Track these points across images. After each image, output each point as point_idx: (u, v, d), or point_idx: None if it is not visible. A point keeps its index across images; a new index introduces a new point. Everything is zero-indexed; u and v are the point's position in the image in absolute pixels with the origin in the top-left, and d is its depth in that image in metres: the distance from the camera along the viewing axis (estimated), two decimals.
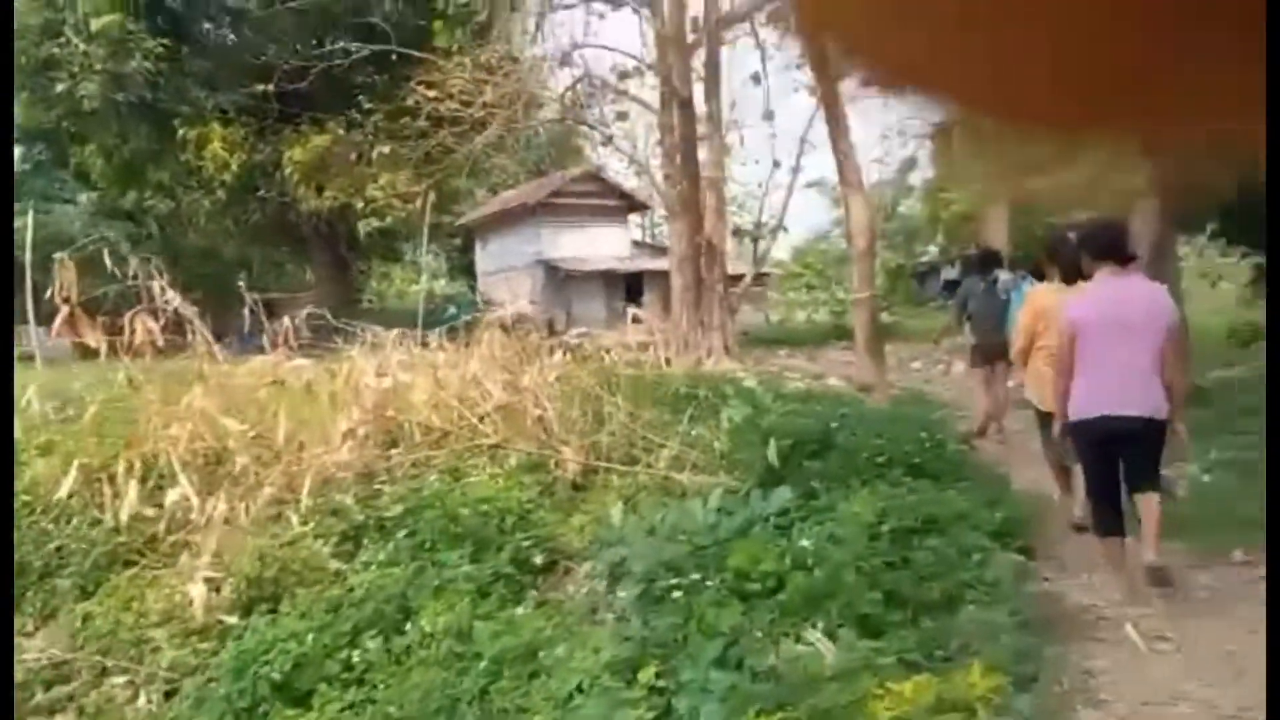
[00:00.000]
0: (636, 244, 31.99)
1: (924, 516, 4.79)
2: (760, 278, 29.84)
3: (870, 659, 3.40)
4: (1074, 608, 4.24)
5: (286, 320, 6.95)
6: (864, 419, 7.44)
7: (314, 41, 25.11)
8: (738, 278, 17.73)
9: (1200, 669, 3.62)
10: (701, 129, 16.82)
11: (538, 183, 31.20)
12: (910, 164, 31.31)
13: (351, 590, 4.19)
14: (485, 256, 33.74)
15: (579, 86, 19.73)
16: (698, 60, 16.98)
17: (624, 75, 18.92)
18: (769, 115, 18.11)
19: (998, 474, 6.65)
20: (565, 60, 20.94)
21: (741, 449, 5.54)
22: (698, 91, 16.80)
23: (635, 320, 11.11)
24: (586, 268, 28.61)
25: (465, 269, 36.64)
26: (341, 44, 21.93)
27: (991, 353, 7.87)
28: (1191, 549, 4.89)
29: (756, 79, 18.78)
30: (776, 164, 18.65)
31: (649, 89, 19.22)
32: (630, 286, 29.13)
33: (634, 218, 33.54)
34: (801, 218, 71.79)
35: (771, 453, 5.02)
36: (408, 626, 3.94)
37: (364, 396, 5.63)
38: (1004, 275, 8.22)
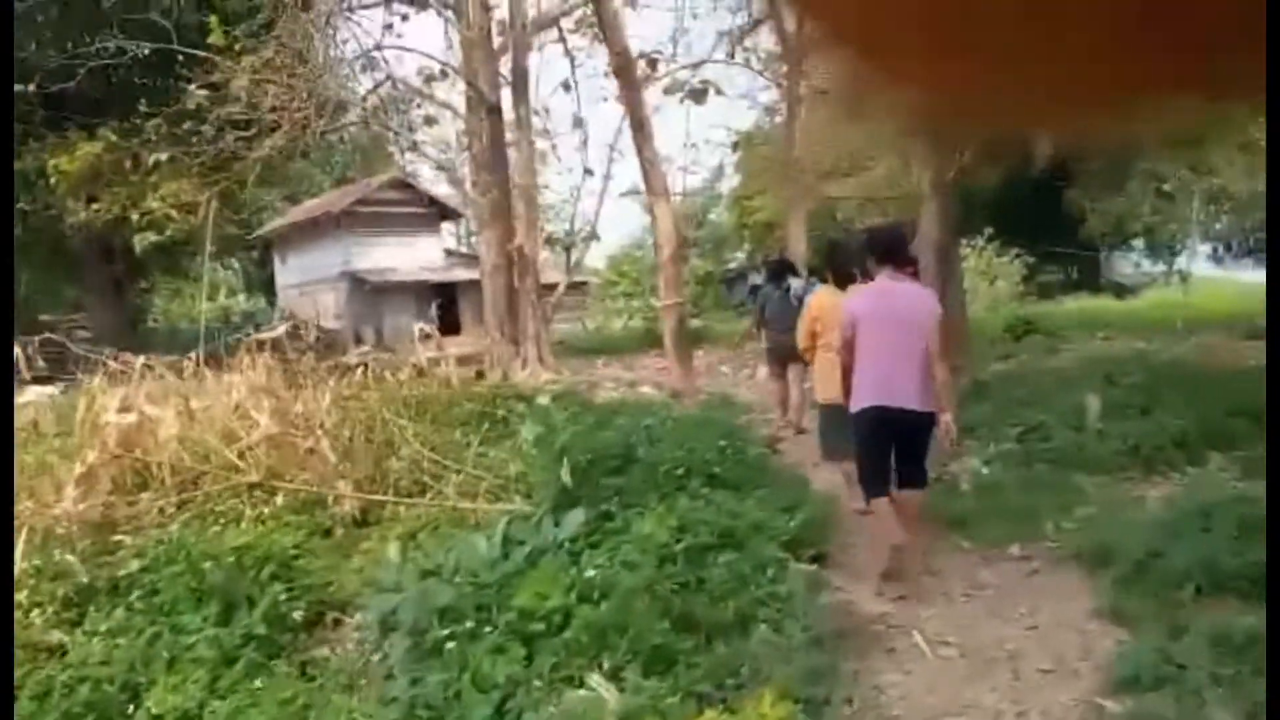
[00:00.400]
0: (450, 253, 31.07)
1: (720, 530, 4.64)
2: (577, 286, 29.71)
3: (657, 699, 3.15)
4: (865, 617, 4.18)
5: (18, 349, 6.03)
6: (669, 428, 7.31)
7: (84, 38, 22.84)
8: (552, 286, 17.42)
9: (986, 674, 3.61)
10: (511, 135, 16.44)
11: (342, 191, 29.78)
12: (719, 172, 32.08)
13: (68, 668, 3.53)
14: (286, 270, 31.85)
15: (380, 90, 18.88)
16: (506, 65, 16.59)
17: (429, 79, 18.21)
18: (579, 122, 17.89)
19: (796, 476, 6.65)
20: (368, 63, 20.09)
21: (537, 470, 5.22)
22: (506, 97, 16.41)
23: (425, 336, 10.50)
24: (396, 279, 27.50)
25: (266, 284, 34.49)
26: (115, 42, 20.01)
27: (785, 355, 8.24)
28: (974, 545, 4.98)
29: (567, 86, 18.54)
30: (588, 172, 18.48)
31: (458, 94, 18.60)
32: (444, 297, 28.26)
33: (447, 226, 32.59)
34: (618, 225, 72.44)
35: (565, 473, 4.72)
36: (131, 710, 3.34)
37: (104, 434, 4.90)
38: (796, 282, 8.59)
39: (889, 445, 4.40)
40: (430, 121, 20.90)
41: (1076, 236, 29.32)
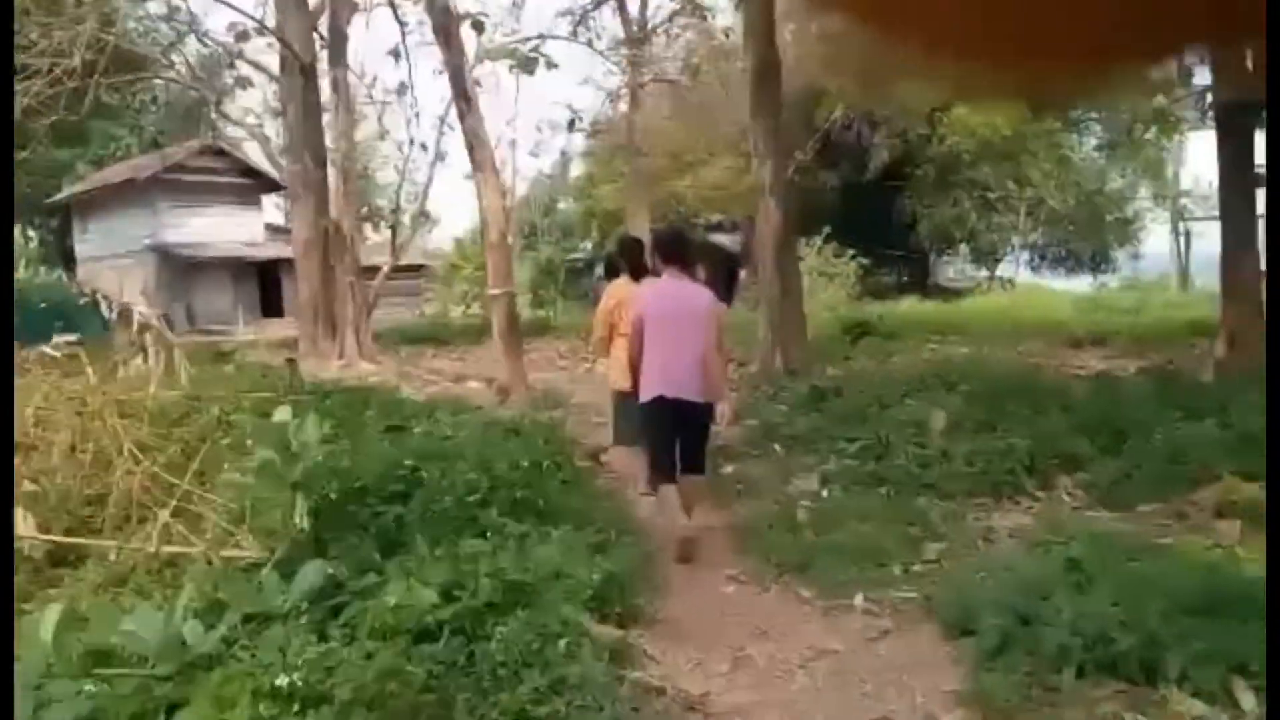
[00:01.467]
0: (275, 229, 28.57)
1: (506, 585, 3.62)
2: (415, 269, 27.95)
3: None
4: (682, 702, 3.26)
5: None
6: (475, 438, 6.24)
7: None
8: (376, 269, 15.87)
9: None
10: (329, 101, 14.80)
11: (153, 156, 26.80)
12: (566, 159, 30.94)
13: None
14: (87, 240, 28.51)
15: (187, 47, 16.76)
16: (325, 25, 14.92)
17: (242, 36, 16.22)
18: (403, 90, 16.30)
19: (616, 500, 5.73)
20: (170, 12, 17.83)
21: (267, 509, 4.02)
22: (325, 60, 14.77)
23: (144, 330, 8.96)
24: (210, 254, 24.97)
25: (67, 254, 30.79)
26: None
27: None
28: (815, 594, 4.17)
29: (396, 54, 16.96)
30: (422, 146, 16.95)
31: (274, 54, 16.69)
32: (265, 276, 25.91)
33: (272, 199, 30.00)
34: (468, 207, 69.92)
35: (300, 513, 3.57)
36: None
37: None
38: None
39: (673, 434, 4.64)
40: (243, 84, 18.78)
41: (907, 241, 30.10)
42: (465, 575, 3.64)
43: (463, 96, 10.56)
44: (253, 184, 27.01)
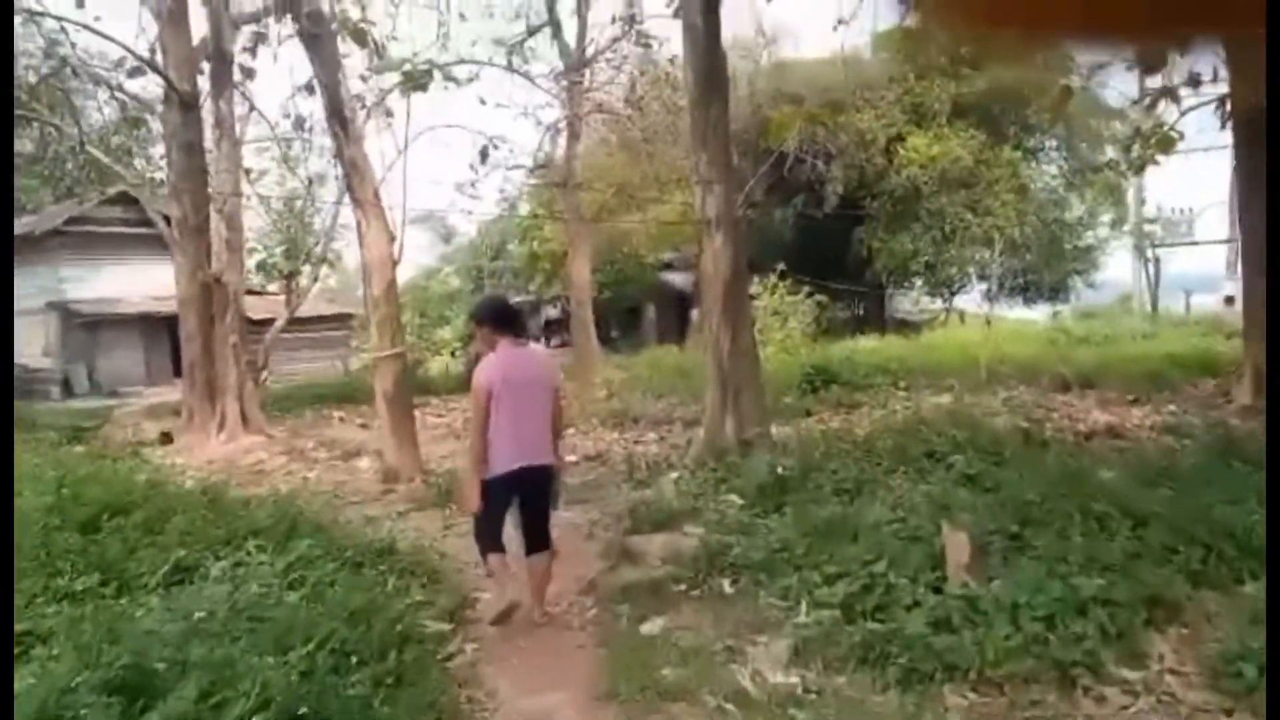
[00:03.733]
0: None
1: None
2: (344, 319, 25.59)
3: None
4: None
5: None
6: (270, 605, 4.08)
7: None
8: (265, 323, 13.58)
9: None
10: (212, 137, 12.58)
11: (56, 209, 24.25)
12: (509, 199, 28.76)
13: None
14: None
15: (50, 77, 14.47)
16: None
17: (118, 65, 13.97)
18: (300, 124, 13.98)
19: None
20: (50, 47, 15.53)
21: None
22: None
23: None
24: (118, 311, 22.41)
25: None
26: None
27: None
28: None
29: (311, 87, 14.77)
30: (309, 182, 14.68)
31: (158, 86, 14.44)
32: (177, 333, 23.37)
33: None
34: (411, 257, 67.44)
35: None
36: None
37: None
38: None
39: (508, 503, 4.40)
40: (136, 123, 16.54)
41: (864, 274, 28.44)
42: None
43: (338, 119, 8.43)
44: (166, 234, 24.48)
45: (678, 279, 28.66)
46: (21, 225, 23.75)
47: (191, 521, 5.74)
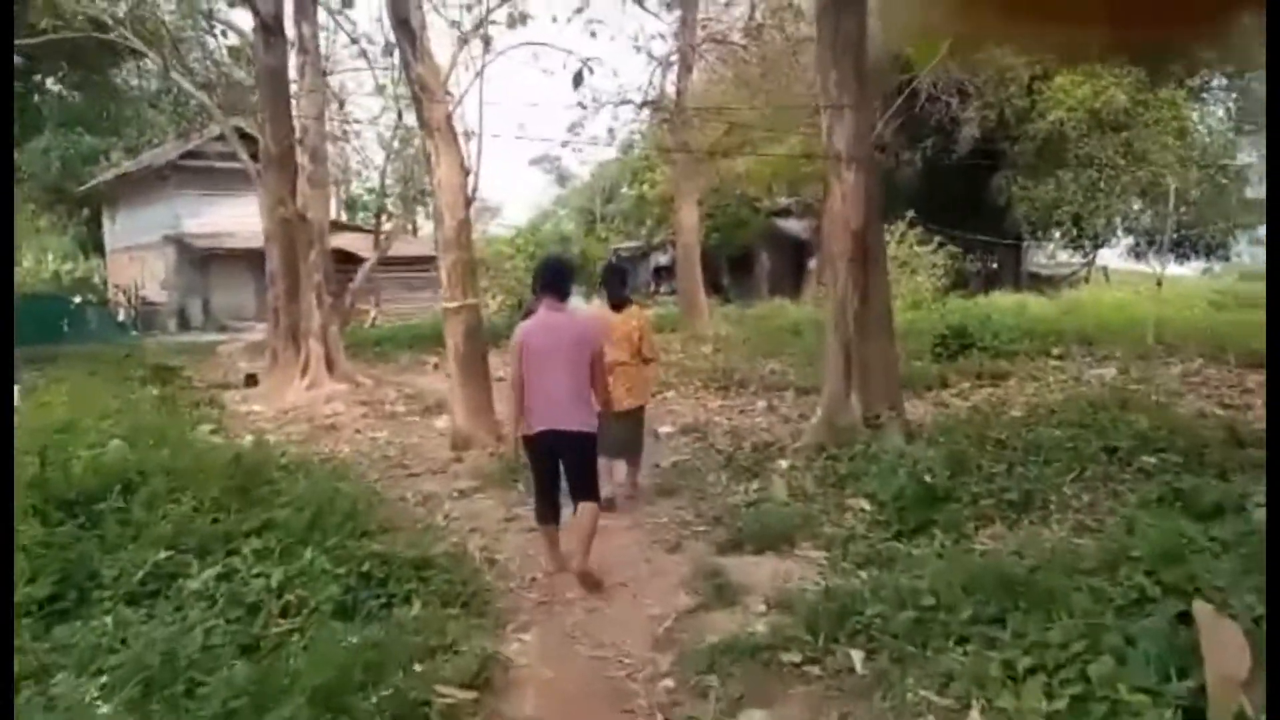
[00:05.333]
0: (337, 223, 25.70)
1: None
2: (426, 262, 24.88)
3: None
4: None
5: None
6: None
7: None
8: (355, 259, 12.72)
9: None
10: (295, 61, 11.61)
11: (174, 144, 24.23)
12: (624, 140, 27.12)
13: None
14: (115, 231, 26.28)
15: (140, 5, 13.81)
16: None
17: None
18: (389, 49, 12.75)
19: None
20: None
21: None
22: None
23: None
24: (230, 245, 22.25)
25: (100, 246, 28.68)
26: None
27: None
28: None
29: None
30: (399, 114, 13.51)
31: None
32: None
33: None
34: (529, 198, 66.59)
35: None
36: None
37: None
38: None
39: (555, 469, 4.36)
40: (236, 53, 15.85)
41: (1000, 225, 25.87)
42: None
43: (403, 29, 7.18)
44: None
45: (793, 225, 26.72)
46: (142, 160, 23.88)
47: (202, 503, 4.72)
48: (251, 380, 11.78)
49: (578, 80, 8.41)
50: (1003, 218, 25.54)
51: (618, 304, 5.59)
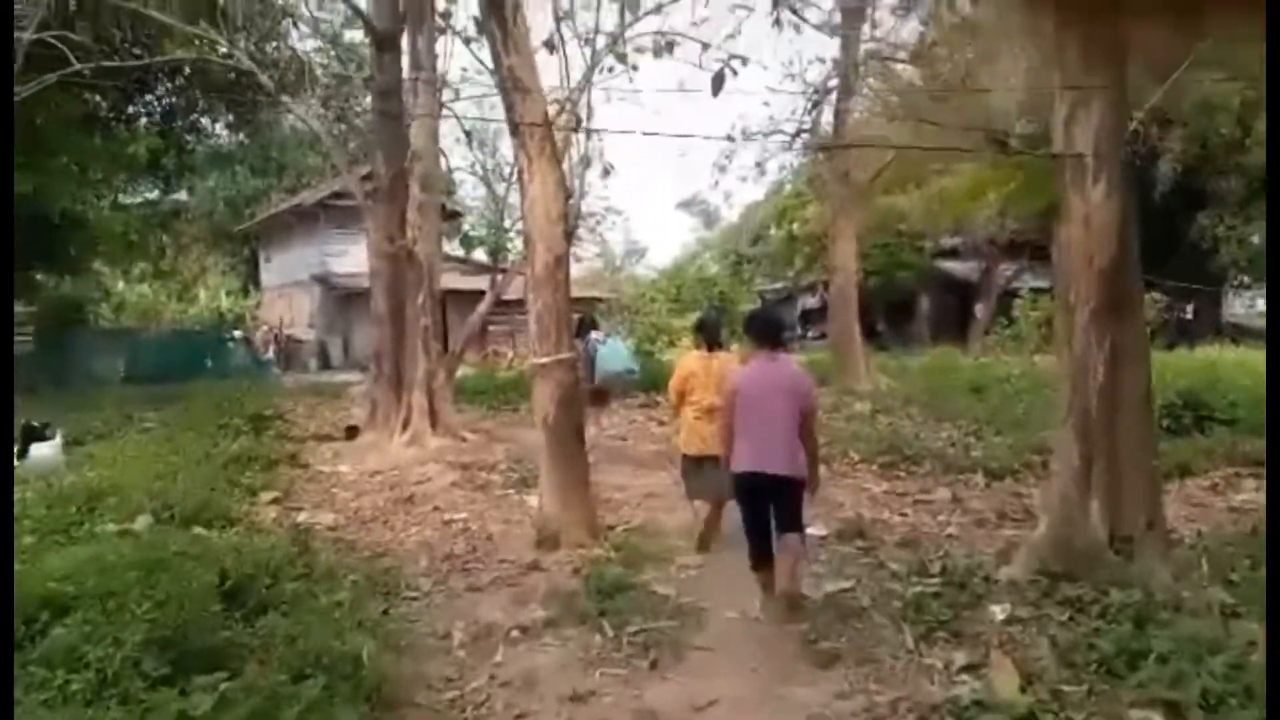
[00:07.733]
0: (451, 258, 25.04)
1: None
2: (590, 302, 23.59)
3: None
4: None
5: None
6: None
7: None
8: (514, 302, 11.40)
9: None
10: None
11: (325, 184, 24.28)
12: (768, 175, 25.16)
13: None
14: (269, 268, 26.61)
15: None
16: None
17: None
18: (551, 46, 11.26)
19: None
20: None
21: None
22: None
23: None
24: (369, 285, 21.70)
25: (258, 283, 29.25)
26: None
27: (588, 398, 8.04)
28: None
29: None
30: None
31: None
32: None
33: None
34: (679, 238, 65.52)
35: None
36: None
37: None
38: (594, 335, 8.95)
39: (765, 505, 4.46)
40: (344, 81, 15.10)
41: (1202, 271, 22.25)
42: None
43: (494, 15, 5.61)
44: None
45: (959, 267, 23.90)
46: (295, 200, 23.99)
47: (137, 658, 3.11)
48: (352, 432, 10.52)
49: (717, 83, 6.64)
50: (1204, 261, 21.98)
51: (712, 348, 5.74)
